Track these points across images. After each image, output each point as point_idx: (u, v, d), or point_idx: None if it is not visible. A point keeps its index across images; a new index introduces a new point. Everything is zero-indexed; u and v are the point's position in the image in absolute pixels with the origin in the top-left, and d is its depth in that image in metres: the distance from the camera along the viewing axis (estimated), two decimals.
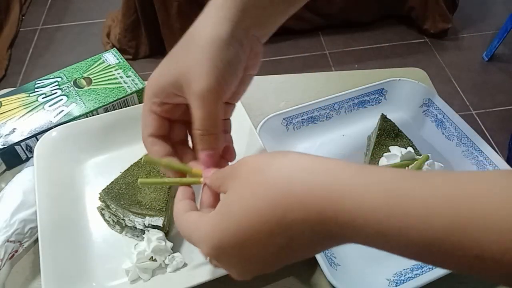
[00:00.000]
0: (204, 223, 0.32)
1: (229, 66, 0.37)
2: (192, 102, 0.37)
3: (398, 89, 0.65)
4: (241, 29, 0.37)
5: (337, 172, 0.28)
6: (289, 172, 0.29)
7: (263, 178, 0.29)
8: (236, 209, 0.29)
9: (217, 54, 0.36)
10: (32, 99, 0.63)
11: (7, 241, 0.47)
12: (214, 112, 0.37)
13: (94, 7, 2.24)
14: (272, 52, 1.95)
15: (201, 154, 0.38)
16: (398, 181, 0.26)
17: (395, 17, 2.05)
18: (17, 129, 0.59)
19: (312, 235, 0.28)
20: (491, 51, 1.85)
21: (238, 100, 0.44)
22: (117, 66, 0.68)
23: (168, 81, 0.38)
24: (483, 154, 0.57)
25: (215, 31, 0.36)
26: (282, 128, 0.62)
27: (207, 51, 0.36)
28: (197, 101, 0.36)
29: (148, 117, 0.40)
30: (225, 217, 0.30)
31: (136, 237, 0.51)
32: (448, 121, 0.61)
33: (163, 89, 0.38)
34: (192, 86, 0.36)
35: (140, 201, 0.50)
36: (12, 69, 1.95)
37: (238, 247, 0.30)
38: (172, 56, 0.39)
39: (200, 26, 0.38)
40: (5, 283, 0.49)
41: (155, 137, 0.40)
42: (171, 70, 0.38)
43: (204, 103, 0.36)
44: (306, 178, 0.28)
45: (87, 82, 0.66)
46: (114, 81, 0.66)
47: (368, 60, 1.91)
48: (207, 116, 0.37)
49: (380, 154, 0.53)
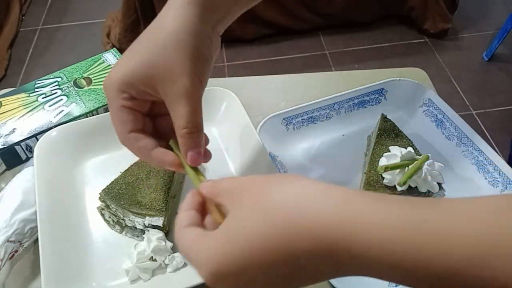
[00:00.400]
0: (206, 244, 0.29)
1: (205, 62, 0.37)
2: (175, 101, 0.36)
3: (398, 89, 0.65)
4: (210, 26, 0.38)
5: (351, 201, 0.27)
6: (300, 200, 0.27)
7: (273, 203, 0.28)
8: (243, 234, 0.28)
9: (194, 52, 0.36)
10: (32, 99, 0.63)
11: (7, 241, 0.47)
12: (199, 108, 0.37)
13: (94, 7, 2.24)
14: (272, 52, 1.95)
15: (190, 153, 0.37)
16: (412, 210, 0.25)
17: (395, 17, 2.05)
18: (17, 129, 0.59)
19: (321, 265, 0.27)
20: (491, 51, 1.85)
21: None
22: None
23: (138, 78, 0.36)
24: (483, 154, 0.57)
25: (188, 28, 0.36)
26: (282, 128, 0.62)
27: (183, 49, 0.36)
28: (182, 100, 0.36)
29: (122, 114, 0.38)
30: (230, 241, 0.28)
31: (136, 237, 0.51)
32: (448, 121, 0.61)
33: (132, 85, 0.37)
34: (173, 86, 0.36)
35: (140, 201, 0.50)
36: (12, 69, 1.95)
37: (240, 274, 0.28)
38: (136, 51, 0.37)
39: (168, 21, 0.37)
40: (5, 283, 0.49)
41: (137, 132, 0.39)
42: (139, 67, 0.36)
43: (190, 101, 0.36)
44: (318, 207, 0.27)
45: (87, 82, 0.66)
46: None
47: (368, 60, 1.91)
48: (194, 113, 0.37)
49: (380, 154, 0.53)
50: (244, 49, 1.95)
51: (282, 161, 0.58)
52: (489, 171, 0.56)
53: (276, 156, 0.58)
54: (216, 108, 0.64)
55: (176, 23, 0.36)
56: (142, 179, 0.51)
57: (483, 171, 0.56)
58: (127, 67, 0.37)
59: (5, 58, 1.96)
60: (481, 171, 0.56)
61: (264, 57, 1.94)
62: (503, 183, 0.54)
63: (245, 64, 1.91)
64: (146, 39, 0.38)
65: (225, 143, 0.61)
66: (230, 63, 1.91)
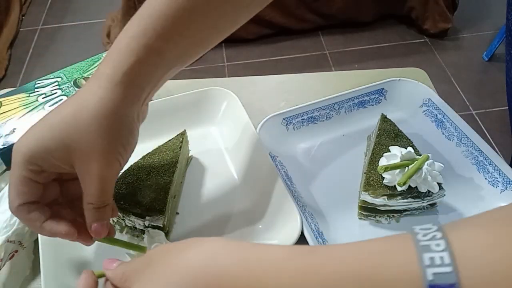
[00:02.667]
0: None
1: (128, 145, 0.38)
2: (88, 180, 0.36)
3: (398, 89, 0.65)
4: (137, 106, 0.38)
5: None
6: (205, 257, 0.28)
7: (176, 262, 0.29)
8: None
9: (117, 138, 0.37)
10: (32, 99, 0.63)
11: (7, 241, 0.47)
12: (111, 188, 0.38)
13: (94, 7, 2.25)
14: (272, 52, 1.95)
15: (94, 225, 0.38)
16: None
17: (395, 17, 2.05)
18: (17, 129, 0.59)
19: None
20: (491, 51, 1.85)
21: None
22: None
23: (54, 154, 0.36)
24: (483, 154, 0.57)
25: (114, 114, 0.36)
26: (282, 128, 0.62)
27: (107, 135, 0.36)
28: (95, 181, 0.36)
29: (21, 185, 0.37)
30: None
31: (136, 237, 0.51)
32: (448, 121, 0.61)
33: (45, 159, 0.36)
34: (90, 167, 0.36)
35: (140, 202, 0.50)
36: (12, 69, 1.95)
37: None
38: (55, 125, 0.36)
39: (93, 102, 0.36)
40: (5, 283, 0.49)
41: (30, 203, 0.38)
42: (57, 143, 0.36)
43: (103, 183, 0.37)
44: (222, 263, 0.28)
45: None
46: None
47: (368, 60, 1.91)
48: (104, 193, 0.37)
49: (380, 154, 0.53)
50: (244, 49, 1.95)
51: (282, 161, 0.58)
52: (489, 171, 0.56)
53: (276, 156, 0.58)
54: (216, 108, 0.64)
55: (102, 106, 0.36)
56: (142, 179, 0.51)
57: (483, 171, 0.56)
58: (43, 139, 0.36)
59: (5, 58, 1.96)
60: (481, 171, 0.56)
61: (264, 57, 1.94)
62: (503, 183, 0.54)
63: (245, 64, 1.91)
64: (68, 113, 0.36)
65: (225, 143, 0.62)
66: (230, 63, 1.91)
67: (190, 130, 0.60)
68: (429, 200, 0.51)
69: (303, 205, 0.53)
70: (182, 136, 0.57)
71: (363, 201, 0.51)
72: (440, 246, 0.24)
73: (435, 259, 0.23)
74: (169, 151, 0.54)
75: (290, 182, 0.55)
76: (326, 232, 0.51)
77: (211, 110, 0.64)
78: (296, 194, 0.54)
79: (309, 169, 0.59)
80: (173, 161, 0.53)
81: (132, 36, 0.37)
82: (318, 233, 0.50)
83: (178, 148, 0.55)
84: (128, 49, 0.37)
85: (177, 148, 0.55)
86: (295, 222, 0.48)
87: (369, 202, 0.51)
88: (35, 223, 0.38)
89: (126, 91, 0.36)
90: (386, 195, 0.50)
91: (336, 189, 0.56)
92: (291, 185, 0.55)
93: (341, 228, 0.52)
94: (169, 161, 0.53)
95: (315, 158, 0.60)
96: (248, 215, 0.53)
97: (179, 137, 0.57)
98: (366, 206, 0.52)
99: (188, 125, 0.60)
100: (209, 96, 0.64)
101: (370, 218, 0.53)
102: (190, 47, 0.41)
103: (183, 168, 0.58)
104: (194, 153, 0.61)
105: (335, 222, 0.53)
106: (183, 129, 0.58)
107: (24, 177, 0.36)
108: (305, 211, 0.52)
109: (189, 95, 0.64)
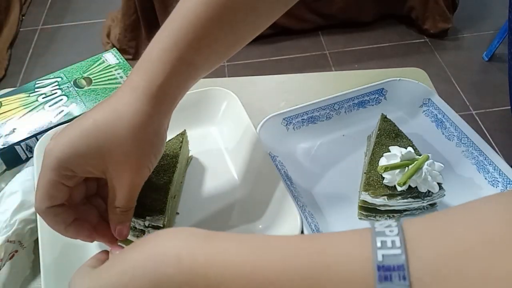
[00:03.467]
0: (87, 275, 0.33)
1: (159, 155, 0.41)
2: (119, 187, 0.38)
3: (398, 89, 0.65)
4: (167, 121, 0.41)
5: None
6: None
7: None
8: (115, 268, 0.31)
9: (151, 149, 0.39)
10: (32, 99, 0.63)
11: (7, 241, 0.47)
12: (138, 193, 0.40)
13: (94, 7, 2.25)
14: (272, 52, 1.95)
15: (119, 227, 0.40)
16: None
17: (395, 17, 2.05)
18: (17, 129, 0.59)
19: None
20: (491, 51, 1.85)
21: None
22: (117, 66, 0.68)
23: (89, 161, 0.37)
24: (483, 154, 0.57)
25: (149, 127, 0.38)
26: (282, 128, 0.62)
27: (142, 147, 0.38)
28: (126, 188, 0.38)
29: (51, 189, 0.37)
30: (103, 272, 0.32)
31: (136, 237, 0.51)
32: (448, 121, 0.61)
33: (79, 165, 0.37)
34: (123, 175, 0.38)
35: (140, 202, 0.50)
36: (12, 69, 1.95)
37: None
38: (90, 132, 0.37)
39: (129, 113, 0.37)
40: (5, 283, 0.49)
41: (57, 206, 0.38)
42: (93, 150, 0.37)
43: (132, 190, 0.39)
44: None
45: (87, 82, 0.66)
46: (114, 81, 0.66)
47: (368, 60, 1.91)
48: (132, 199, 0.39)
49: (380, 154, 0.53)
50: (244, 49, 1.93)
51: (282, 161, 0.58)
52: (489, 171, 0.56)
53: (276, 156, 0.58)
54: (216, 108, 0.64)
55: (138, 118, 0.37)
56: None
57: (483, 171, 0.56)
58: (78, 145, 0.37)
59: (5, 58, 1.96)
60: (481, 171, 0.56)
61: (264, 57, 1.94)
62: (503, 183, 0.54)
63: (245, 64, 1.91)
64: (103, 122, 0.37)
65: (225, 143, 0.62)
66: (230, 63, 1.91)
67: (190, 130, 0.60)
68: (429, 200, 0.51)
69: (303, 205, 0.53)
70: (182, 136, 0.57)
71: (363, 201, 0.51)
72: (393, 232, 0.25)
73: (386, 242, 0.24)
74: (169, 151, 0.54)
75: (290, 182, 0.55)
76: (326, 232, 0.51)
77: (211, 110, 0.64)
78: (296, 194, 0.54)
79: (309, 169, 0.59)
80: (173, 161, 0.53)
81: (164, 48, 0.39)
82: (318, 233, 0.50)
83: (178, 148, 0.55)
84: (161, 61, 0.38)
85: (177, 148, 0.55)
86: (295, 222, 0.48)
87: (369, 202, 0.51)
88: (60, 226, 0.39)
89: (161, 104, 0.39)
90: (386, 195, 0.50)
91: (336, 189, 0.56)
92: (291, 185, 0.55)
93: (341, 228, 0.52)
94: (169, 161, 0.53)
95: (315, 158, 0.60)
96: (248, 215, 0.53)
97: (179, 137, 0.57)
98: (366, 206, 0.52)
99: (188, 125, 0.60)
100: (209, 96, 0.64)
101: (370, 218, 0.53)
102: (217, 57, 0.43)
103: (183, 168, 0.58)
104: (194, 153, 0.61)
105: (335, 222, 0.53)
106: (183, 129, 0.58)
107: (55, 181, 0.37)
108: (305, 211, 0.52)
109: (189, 95, 0.63)
